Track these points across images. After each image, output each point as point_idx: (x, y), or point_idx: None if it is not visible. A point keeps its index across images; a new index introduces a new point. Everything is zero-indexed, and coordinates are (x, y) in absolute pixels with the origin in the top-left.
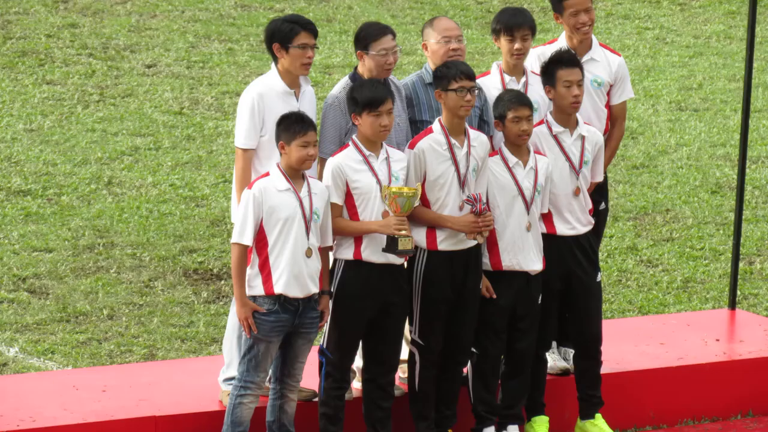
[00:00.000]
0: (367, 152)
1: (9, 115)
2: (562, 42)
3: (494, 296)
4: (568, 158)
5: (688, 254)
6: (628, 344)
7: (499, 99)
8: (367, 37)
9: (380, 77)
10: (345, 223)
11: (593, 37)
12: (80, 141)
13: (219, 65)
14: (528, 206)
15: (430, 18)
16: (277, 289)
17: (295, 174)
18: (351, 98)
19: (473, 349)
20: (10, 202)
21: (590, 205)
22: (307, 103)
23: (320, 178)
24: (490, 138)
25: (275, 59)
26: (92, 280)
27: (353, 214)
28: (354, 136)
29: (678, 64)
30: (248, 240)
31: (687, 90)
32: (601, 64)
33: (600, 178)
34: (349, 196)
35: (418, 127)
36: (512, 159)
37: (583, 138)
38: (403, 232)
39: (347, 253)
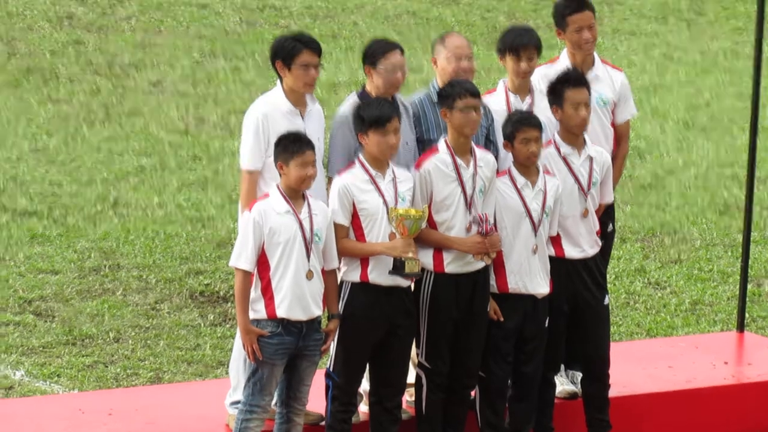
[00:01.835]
0: (373, 172)
1: (14, 134)
2: (563, 59)
3: (502, 319)
4: (576, 179)
5: (696, 276)
6: (636, 367)
7: (507, 120)
8: (375, 52)
9: (389, 94)
10: (351, 245)
11: (596, 54)
12: (86, 161)
13: (224, 83)
14: (536, 228)
15: (442, 34)
16: (280, 312)
17: (294, 194)
18: (357, 117)
19: (480, 373)
20: (16, 223)
21: (598, 227)
22: (315, 122)
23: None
24: (497, 158)
25: (280, 77)
26: (98, 302)
27: (359, 235)
28: (360, 155)
29: (685, 82)
30: (248, 264)
31: (694, 108)
32: (605, 81)
33: (610, 200)
34: (355, 217)
35: (426, 146)
36: (521, 180)
37: (591, 159)
38: (410, 255)
39: (354, 275)
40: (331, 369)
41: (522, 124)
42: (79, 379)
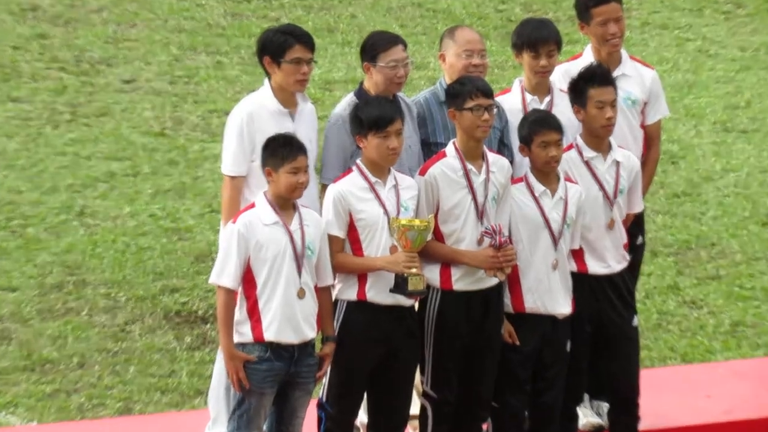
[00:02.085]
0: (373, 179)
1: None
2: (588, 56)
3: (517, 343)
4: (601, 187)
5: (737, 294)
6: (670, 396)
7: (524, 121)
8: (375, 47)
9: (389, 92)
10: (347, 259)
11: (623, 50)
12: (49, 166)
13: (206, 80)
14: (555, 241)
15: (451, 27)
16: (269, 335)
17: (284, 204)
18: (355, 118)
19: (493, 403)
20: None
21: (625, 240)
22: (306, 124)
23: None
24: (512, 163)
25: (268, 74)
26: (61, 323)
27: (357, 249)
28: (358, 161)
29: (723, 80)
30: (231, 281)
31: (733, 108)
32: (634, 79)
33: (638, 209)
34: (352, 229)
35: (432, 150)
36: (539, 187)
37: (617, 164)
38: (414, 270)
39: (350, 293)
40: (324, 399)
41: (540, 125)
42: (39, 409)
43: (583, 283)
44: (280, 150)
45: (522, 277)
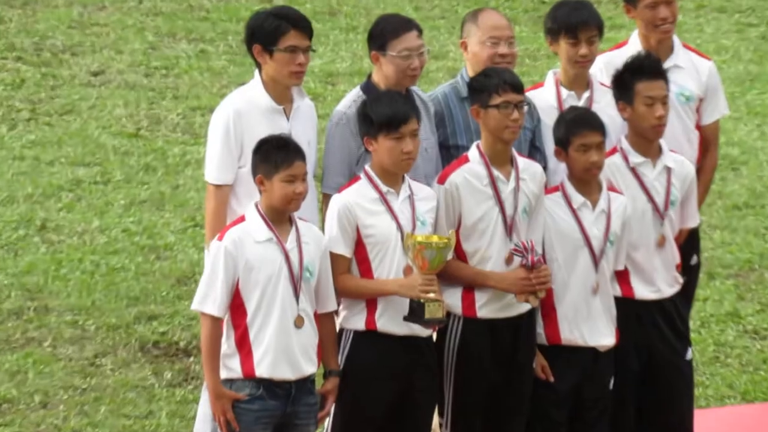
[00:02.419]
0: (384, 188)
1: None
2: (634, 44)
3: (551, 379)
4: (650, 198)
5: None
6: None
7: (560, 120)
8: (384, 33)
9: (401, 86)
10: (354, 282)
11: (675, 37)
12: (5, 172)
13: (188, 72)
14: (596, 261)
15: (474, 9)
16: (261, 371)
17: (278, 217)
18: (363, 116)
19: None
20: None
21: (678, 259)
22: (304, 123)
23: (324, 221)
24: (545, 169)
25: (258, 66)
26: (20, 355)
27: (365, 270)
28: (367, 167)
29: None
30: (217, 309)
31: None
32: (688, 72)
33: (694, 223)
34: (360, 246)
35: (451, 153)
36: (577, 198)
37: (669, 170)
38: (432, 295)
39: (357, 321)
40: None
41: (579, 125)
42: None
43: (628, 310)
44: (274, 154)
45: (557, 303)
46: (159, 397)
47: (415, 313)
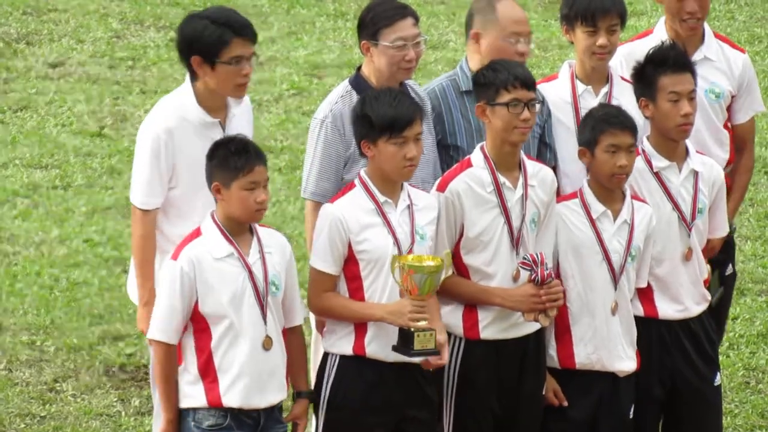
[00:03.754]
0: (381, 198)
1: None
2: (659, 33)
3: (565, 403)
4: (676, 206)
5: None
6: None
7: (588, 117)
8: (376, 20)
9: (395, 80)
10: (338, 302)
11: (706, 25)
12: None
13: (156, 63)
14: (616, 278)
15: None
16: (229, 400)
17: (238, 228)
18: (361, 117)
19: None
20: None
21: (706, 274)
22: (242, 123)
23: (312, 231)
24: (555, 170)
25: (193, 76)
26: None
27: (356, 288)
28: (362, 173)
29: None
30: (171, 336)
31: None
32: (719, 65)
33: (723, 233)
34: (351, 262)
35: (450, 156)
36: (597, 207)
37: (696, 175)
38: (422, 324)
39: (344, 345)
40: None
41: (610, 123)
42: None
43: (651, 331)
44: (233, 159)
45: (573, 323)
46: (126, 427)
47: (404, 342)
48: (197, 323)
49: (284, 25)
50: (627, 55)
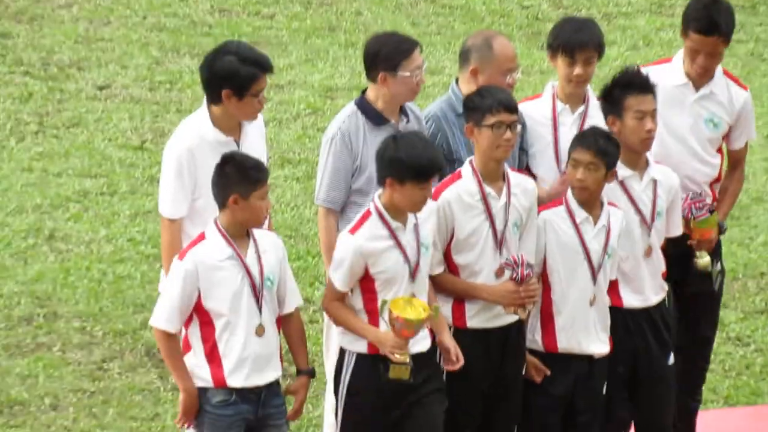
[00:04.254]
0: (394, 224)
1: None
2: (677, 64)
3: (548, 372)
4: (638, 210)
5: None
6: None
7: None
8: (396, 54)
9: (403, 102)
10: (343, 316)
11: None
12: (14, 183)
13: (190, 87)
14: (595, 274)
15: (483, 35)
16: (234, 381)
17: (239, 233)
18: (394, 159)
19: None
20: None
21: (663, 268)
22: (255, 144)
23: (326, 232)
24: (535, 179)
25: (215, 102)
26: (31, 360)
27: (370, 299)
28: (378, 202)
29: None
30: (173, 325)
31: None
32: (722, 100)
33: (677, 232)
34: (367, 279)
35: (454, 168)
36: (581, 214)
37: (655, 182)
38: (397, 357)
39: (358, 345)
40: None
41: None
42: None
43: (617, 319)
44: (252, 174)
45: (556, 314)
46: (164, 400)
47: (384, 368)
48: (202, 316)
49: (302, 53)
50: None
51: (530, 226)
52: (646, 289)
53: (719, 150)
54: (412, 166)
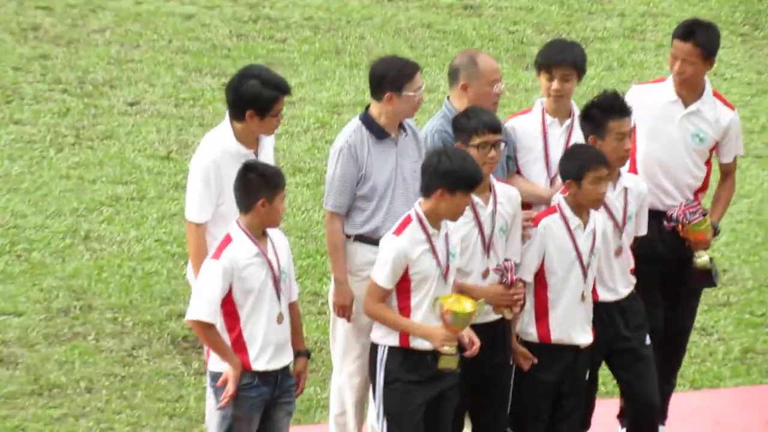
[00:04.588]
0: (431, 231)
1: None
2: (669, 84)
3: (535, 361)
4: (611, 215)
5: (748, 321)
6: (678, 423)
7: (572, 156)
8: (401, 76)
9: (407, 118)
10: (388, 314)
11: (707, 82)
12: (53, 189)
13: (211, 103)
14: (585, 273)
15: (468, 54)
16: (258, 365)
17: (260, 232)
18: (448, 171)
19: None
20: None
21: (632, 264)
22: (269, 149)
23: (333, 234)
24: (514, 177)
25: (238, 119)
26: (68, 347)
27: (404, 298)
28: (419, 209)
29: (738, 104)
30: (213, 317)
31: (748, 133)
32: (709, 118)
33: (644, 232)
34: (404, 279)
35: None
36: (574, 221)
37: (625, 190)
38: (446, 349)
39: (391, 339)
40: None
41: (594, 161)
42: None
43: (594, 312)
44: (275, 179)
45: (551, 309)
46: (187, 384)
47: (433, 359)
48: (227, 308)
49: (311, 73)
50: (638, 94)
51: (515, 230)
52: (618, 284)
53: (707, 162)
54: (464, 177)
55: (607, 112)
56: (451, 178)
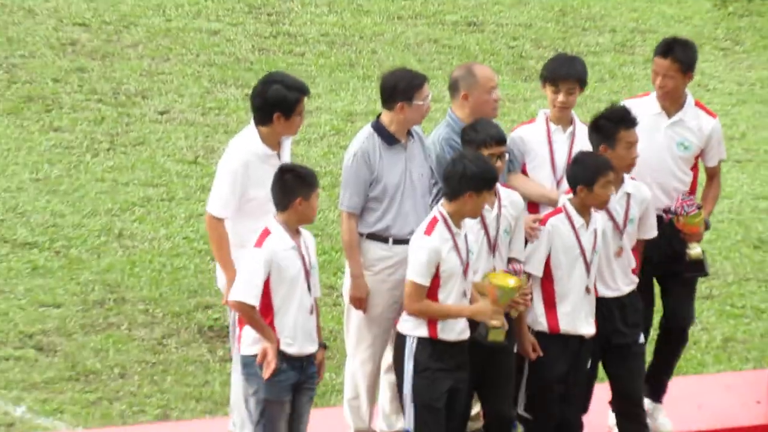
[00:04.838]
0: (455, 230)
1: (14, 163)
2: (653, 97)
3: (540, 354)
4: (611, 217)
5: (728, 312)
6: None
7: (582, 163)
8: (411, 87)
9: (416, 125)
10: (434, 307)
11: (688, 94)
12: (89, 191)
13: (235, 112)
14: (589, 269)
15: (465, 66)
16: (292, 350)
17: (295, 228)
18: (475, 175)
19: (527, 414)
20: (16, 255)
21: (634, 264)
22: (287, 150)
23: (348, 232)
24: (525, 180)
25: (264, 123)
26: (102, 336)
27: (432, 294)
28: (441, 208)
29: (720, 113)
30: (256, 300)
31: (729, 140)
32: (691, 127)
33: (653, 235)
34: (434, 277)
35: None
36: (579, 220)
37: (628, 195)
38: (495, 323)
39: (420, 330)
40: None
41: (603, 168)
42: (83, 416)
43: (595, 307)
44: (310, 179)
45: (559, 302)
46: (213, 370)
47: (481, 334)
48: (263, 295)
49: (327, 84)
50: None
51: (519, 230)
52: (618, 282)
53: (693, 168)
54: (489, 178)
55: (617, 123)
56: (479, 180)
